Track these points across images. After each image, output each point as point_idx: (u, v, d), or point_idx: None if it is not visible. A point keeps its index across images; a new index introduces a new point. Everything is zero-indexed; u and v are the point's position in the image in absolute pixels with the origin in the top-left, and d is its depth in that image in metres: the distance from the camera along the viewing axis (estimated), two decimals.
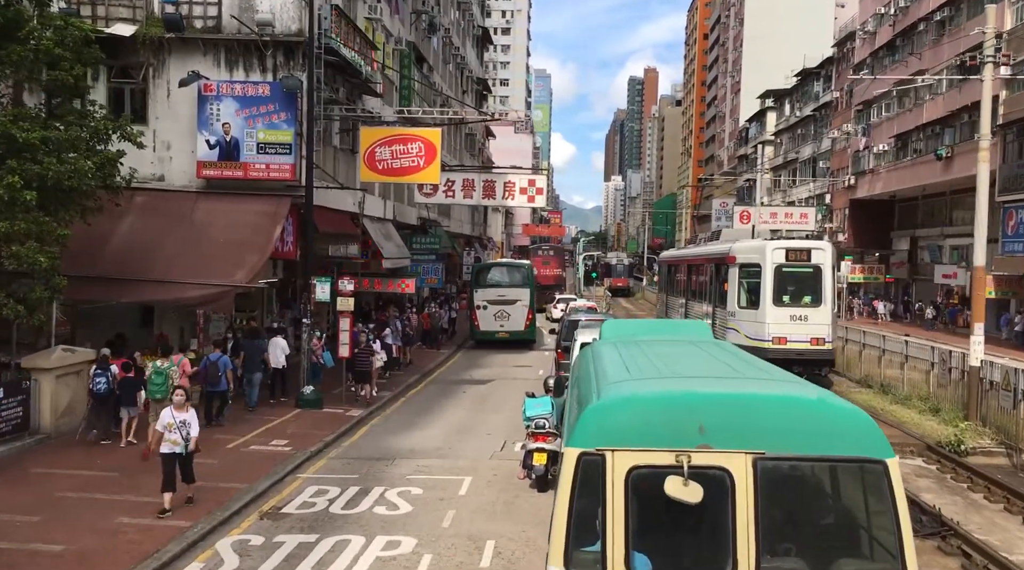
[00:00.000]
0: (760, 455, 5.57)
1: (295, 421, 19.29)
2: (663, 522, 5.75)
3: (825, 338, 23.98)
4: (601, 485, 5.62)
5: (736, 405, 5.82)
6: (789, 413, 5.82)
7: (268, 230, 20.73)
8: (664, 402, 5.94)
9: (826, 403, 5.93)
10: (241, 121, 21.10)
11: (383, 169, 22.84)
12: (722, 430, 5.62)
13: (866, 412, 5.97)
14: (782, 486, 5.78)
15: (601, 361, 7.80)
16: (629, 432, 5.67)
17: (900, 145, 53.82)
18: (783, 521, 5.79)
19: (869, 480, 5.75)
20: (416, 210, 37.47)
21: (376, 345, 23.31)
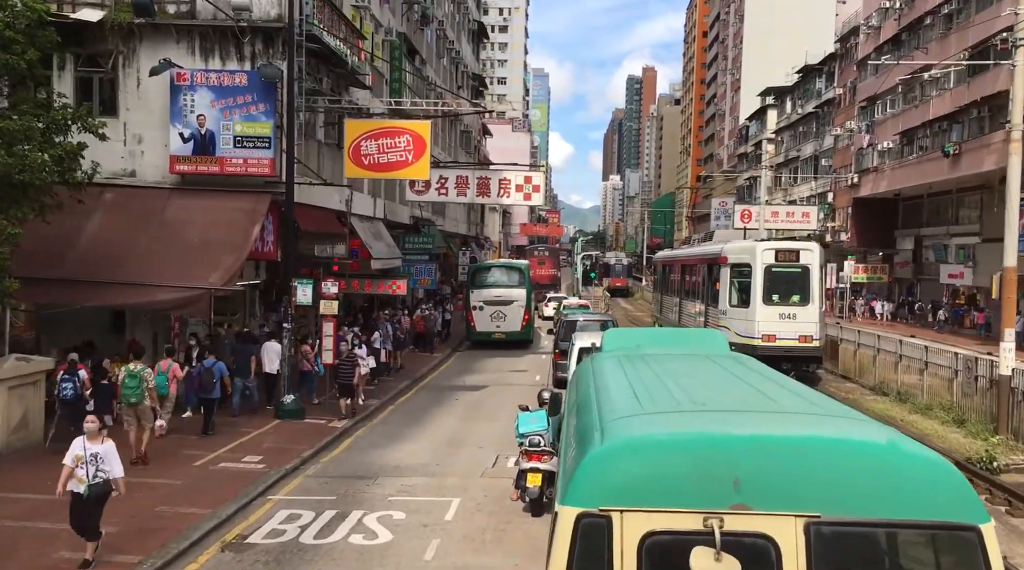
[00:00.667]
0: (814, 519, 4.31)
1: (273, 433, 17.99)
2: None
3: (813, 335, 24.35)
4: (607, 556, 4.35)
5: (783, 452, 4.46)
6: (852, 463, 4.43)
7: (246, 229, 19.43)
8: (689, 447, 4.55)
9: (899, 449, 4.58)
10: (217, 113, 19.79)
11: (369, 164, 21.52)
12: (764, 485, 4.34)
13: (949, 463, 4.59)
14: (842, 559, 4.40)
15: (604, 383, 6.57)
16: (644, 487, 4.40)
17: (905, 142, 52.57)
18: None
19: (957, 551, 4.36)
20: (408, 209, 36.17)
21: (362, 351, 22.02)
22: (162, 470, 14.42)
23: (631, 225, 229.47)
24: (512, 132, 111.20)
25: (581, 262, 77.10)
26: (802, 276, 24.90)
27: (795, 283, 24.96)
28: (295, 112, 19.80)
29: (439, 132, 43.00)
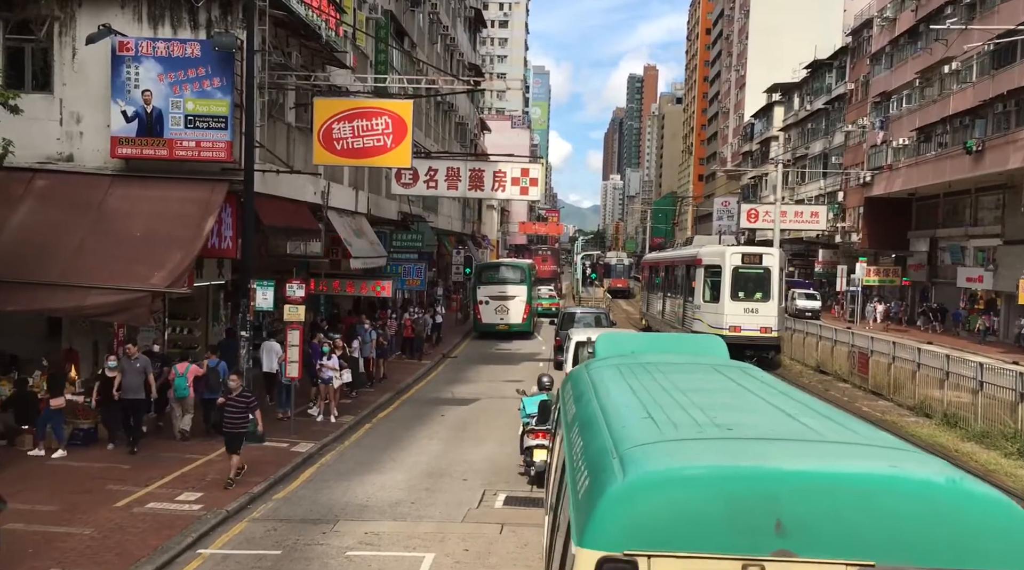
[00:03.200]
0: (868, 567, 3.88)
1: (224, 460, 15.28)
2: None
3: (772, 327, 28.75)
4: None
5: (831, 490, 3.98)
6: (909, 504, 3.95)
7: (198, 222, 16.83)
8: (725, 484, 4.05)
9: (963, 489, 4.08)
10: (165, 88, 17.18)
11: (342, 149, 18.89)
12: (811, 528, 3.89)
13: (1019, 506, 4.06)
14: None
15: (609, 398, 6.02)
16: (674, 529, 3.94)
17: (923, 138, 50.12)
18: None
19: None
20: (396, 204, 33.57)
21: (332, 361, 19.43)
22: (73, 513, 11.83)
23: (631, 225, 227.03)
24: (511, 129, 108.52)
25: (581, 262, 74.48)
26: (764, 276, 29.24)
27: (758, 282, 29.21)
28: (256, 88, 17.21)
29: (431, 123, 40.37)
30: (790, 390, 6.72)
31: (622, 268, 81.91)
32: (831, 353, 27.72)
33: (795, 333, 32.64)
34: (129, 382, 15.54)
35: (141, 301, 15.39)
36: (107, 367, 15.64)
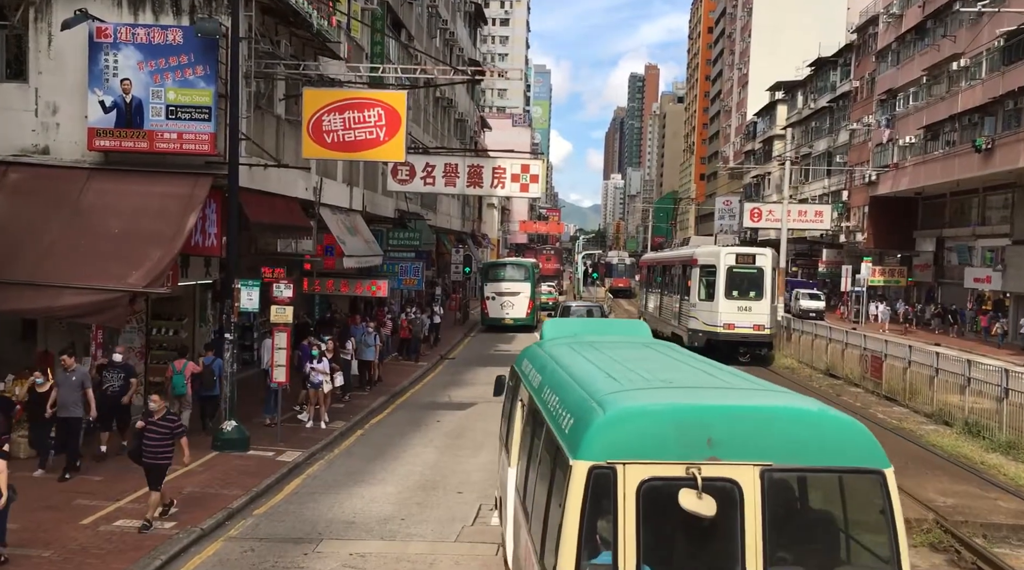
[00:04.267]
0: (767, 467, 5.60)
1: (203, 471, 14.51)
2: (673, 534, 5.71)
3: (764, 325, 29.91)
4: (612, 497, 5.52)
5: (744, 418, 5.87)
6: (794, 425, 5.89)
7: (180, 218, 15.93)
8: (675, 415, 5.88)
9: (828, 415, 6.06)
10: (145, 77, 16.28)
11: (333, 142, 17.96)
12: (731, 442, 5.62)
13: (861, 422, 6.02)
14: (787, 497, 6.02)
15: (571, 366, 7.71)
16: (640, 445, 5.61)
17: (930, 137, 49.25)
18: (788, 531, 5.82)
19: (868, 489, 5.82)
20: (393, 201, 32.68)
21: (322, 364, 18.54)
22: (35, 532, 10.94)
23: (632, 224, 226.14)
24: (512, 127, 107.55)
25: (582, 261, 73.55)
26: (758, 276, 30.27)
27: (751, 281, 30.24)
28: (240, 76, 16.32)
29: (429, 119, 39.49)
30: (705, 360, 8.53)
31: (624, 267, 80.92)
32: (841, 356, 26.81)
33: (803, 335, 31.75)
34: (64, 397, 13.82)
35: (118, 302, 14.50)
36: (35, 382, 13.98)
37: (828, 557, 6.05)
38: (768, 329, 30.18)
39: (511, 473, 9.02)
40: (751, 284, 30.35)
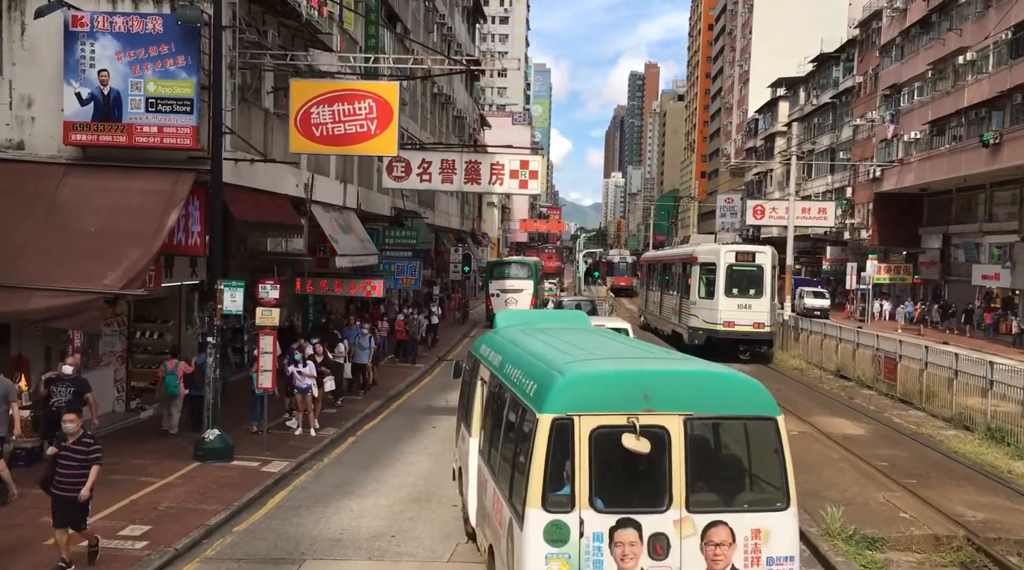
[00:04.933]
0: (689, 416, 7.28)
1: (183, 483, 13.71)
2: (617, 469, 7.23)
3: (764, 323, 30.03)
4: (571, 442, 7.08)
5: (671, 379, 7.70)
6: (708, 384, 7.70)
7: (160, 216, 15.15)
8: (618, 377, 7.64)
9: (733, 376, 7.94)
10: (124, 67, 15.48)
11: (321, 136, 17.13)
12: (661, 398, 7.27)
13: (759, 382, 7.88)
14: (704, 439, 7.65)
15: (530, 346, 9.27)
16: (591, 401, 7.23)
17: (935, 132, 48.45)
18: (705, 465, 7.46)
19: (764, 432, 7.55)
20: (390, 199, 31.87)
21: (308, 368, 17.72)
22: None
23: (633, 223, 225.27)
24: (512, 125, 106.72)
25: (583, 260, 72.65)
26: (757, 273, 30.34)
27: (751, 279, 30.32)
28: (224, 67, 15.51)
29: (427, 115, 38.66)
30: (638, 340, 10.90)
31: (625, 266, 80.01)
32: (852, 357, 25.97)
33: (811, 335, 30.92)
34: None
35: (92, 304, 13.69)
36: None
37: (735, 484, 7.81)
38: (768, 327, 30.22)
39: (472, 443, 10.53)
40: (751, 282, 30.40)
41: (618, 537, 7.01)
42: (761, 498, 7.56)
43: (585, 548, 6.98)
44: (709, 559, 7.11)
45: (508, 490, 7.88)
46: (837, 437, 17.38)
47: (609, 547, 7.01)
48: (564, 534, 6.99)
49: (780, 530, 7.28)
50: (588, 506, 7.02)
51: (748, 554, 7.18)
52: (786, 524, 7.34)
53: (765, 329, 30.22)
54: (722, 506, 7.38)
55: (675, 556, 7.06)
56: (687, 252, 35.30)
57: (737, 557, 7.15)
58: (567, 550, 6.98)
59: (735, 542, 7.15)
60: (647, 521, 7.06)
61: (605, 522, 7.03)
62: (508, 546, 7.70)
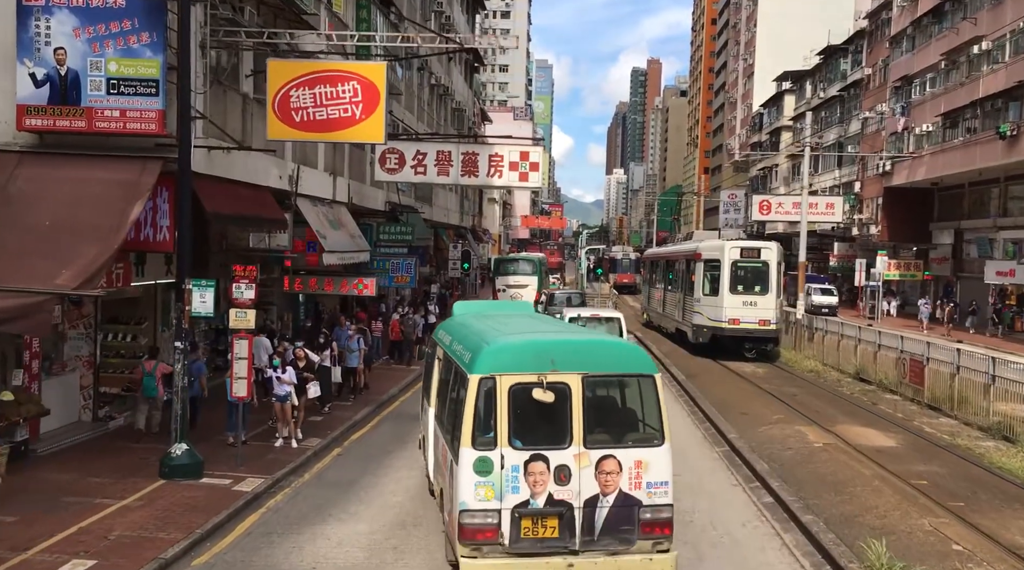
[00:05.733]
0: (585, 374, 9.14)
1: (143, 506, 12.31)
2: (529, 416, 9.06)
3: (770, 320, 29.45)
4: (494, 395, 8.98)
5: (572, 346, 9.67)
6: (601, 349, 9.81)
7: (122, 208, 13.73)
8: (531, 345, 9.58)
9: (621, 344, 10.72)
10: (83, 45, 14.08)
11: (302, 121, 15.67)
12: (564, 361, 9.11)
13: (641, 348, 11.46)
14: (597, 392, 9.51)
15: (473, 327, 11.05)
16: (510, 363, 9.13)
17: (948, 124, 46.96)
18: (598, 412, 9.37)
19: (645, 386, 9.44)
20: (384, 193, 30.46)
21: (287, 374, 16.31)
22: None
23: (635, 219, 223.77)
24: (514, 120, 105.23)
25: (585, 257, 71.09)
26: (763, 270, 29.72)
27: (757, 276, 29.74)
28: (194, 46, 14.14)
29: (423, 107, 37.22)
30: (557, 320, 14.68)
31: (628, 262, 78.52)
32: (873, 359, 24.48)
33: (827, 335, 29.49)
34: None
35: (42, 306, 12.27)
36: None
37: (622, 427, 9.58)
38: (774, 325, 29.67)
39: (431, 411, 12.22)
40: (756, 278, 29.88)
41: (531, 468, 8.90)
42: (642, 437, 9.46)
43: (505, 477, 8.87)
44: (601, 484, 9.00)
45: (451, 438, 9.61)
46: (867, 450, 15.92)
47: (524, 476, 8.89)
48: (489, 467, 8.86)
49: (657, 461, 9.17)
50: (507, 445, 8.91)
51: (632, 480, 9.06)
52: (661, 457, 9.21)
53: (771, 327, 29.63)
54: (612, 443, 9.19)
55: (575, 482, 8.96)
56: (691, 248, 34.55)
57: (623, 482, 9.04)
58: (491, 479, 8.85)
59: (622, 471, 9.04)
60: (553, 456, 8.96)
61: (521, 457, 8.91)
62: (450, 481, 9.47)
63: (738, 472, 15.16)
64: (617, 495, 8.97)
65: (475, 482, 8.80)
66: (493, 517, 8.79)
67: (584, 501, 8.92)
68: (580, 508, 8.92)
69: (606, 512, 8.95)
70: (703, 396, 22.07)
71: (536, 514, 8.86)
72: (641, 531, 9.01)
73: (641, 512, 9.01)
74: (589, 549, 8.92)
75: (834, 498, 12.78)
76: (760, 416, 19.36)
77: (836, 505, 12.44)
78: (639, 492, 9.02)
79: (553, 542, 8.88)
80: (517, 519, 8.82)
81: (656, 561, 9.00)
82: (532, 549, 8.85)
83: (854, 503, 12.45)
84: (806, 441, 16.61)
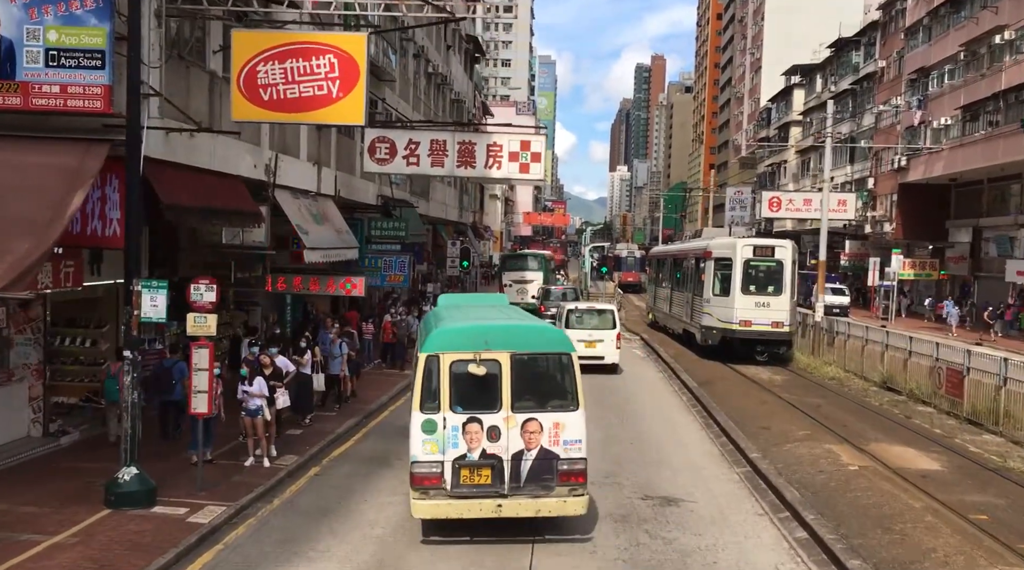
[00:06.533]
0: (513, 352, 10.97)
1: (79, 543, 10.54)
2: (467, 387, 10.93)
3: (784, 322, 28.00)
4: (437, 370, 10.90)
5: (503, 329, 11.47)
6: (526, 332, 11.84)
7: (61, 198, 11.99)
8: (470, 329, 11.51)
9: (543, 327, 12.84)
10: (18, 11, 12.31)
11: (271, 100, 13.84)
12: (496, 341, 11.00)
13: (560, 330, 14.44)
14: (523, 367, 11.11)
15: (440, 316, 12.95)
16: (451, 344, 11.04)
17: (968, 118, 45.13)
18: (524, 383, 11.07)
19: (563, 362, 11.29)
20: (375, 186, 28.68)
21: (255, 386, 14.51)
22: None
23: (639, 217, 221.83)
24: (516, 114, 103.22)
25: (589, 255, 69.09)
26: (777, 269, 28.32)
27: (770, 276, 28.36)
28: (149, 13, 12.33)
29: (420, 96, 35.43)
30: (518, 309, 15.09)
31: (633, 261, 76.56)
32: (903, 367, 22.51)
33: (849, 339, 27.58)
34: None
35: None
36: None
37: (543, 395, 11.34)
38: (788, 327, 28.18)
39: None
40: (770, 278, 28.45)
41: (467, 428, 10.74)
42: (560, 404, 11.07)
43: (447, 436, 10.72)
44: (526, 441, 10.79)
45: (410, 407, 11.25)
46: (910, 475, 13.86)
47: (462, 435, 10.73)
48: (433, 427, 10.74)
49: (571, 423, 10.93)
50: (449, 410, 10.77)
51: (551, 438, 10.85)
52: (576, 420, 10.97)
53: (784, 329, 28.11)
54: (535, 408, 10.93)
55: (504, 440, 10.78)
56: (700, 246, 32.94)
57: (544, 440, 10.82)
58: (436, 437, 10.73)
59: (543, 430, 10.83)
60: (486, 418, 10.78)
61: (459, 419, 10.75)
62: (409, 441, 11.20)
63: (763, 499, 13.35)
64: (539, 450, 10.86)
65: (422, 439, 10.76)
66: (437, 467, 10.73)
67: (512, 455, 10.83)
68: (508, 460, 10.83)
69: (530, 464, 10.85)
70: (718, 406, 20.27)
71: (472, 465, 10.80)
72: (559, 479, 10.88)
73: (559, 464, 10.88)
74: (516, 494, 10.83)
75: (882, 537, 10.92)
76: (783, 431, 17.48)
77: (886, 546, 10.59)
78: (557, 448, 10.88)
79: (486, 487, 10.79)
80: (457, 469, 10.77)
81: (570, 503, 10.94)
82: (469, 493, 10.77)
83: (907, 544, 10.57)
84: (839, 463, 14.73)
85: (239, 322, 23.56)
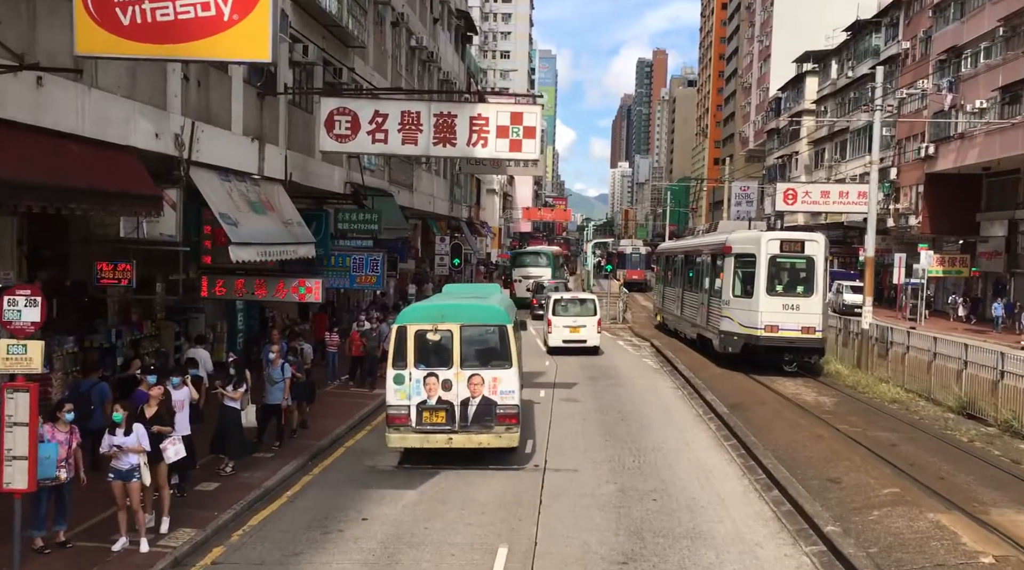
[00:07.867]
0: (462, 324, 14.64)
1: None
2: (427, 350, 14.58)
3: (816, 327, 25.02)
4: (405, 337, 14.50)
5: (455, 307, 15.28)
6: (474, 308, 15.49)
7: None
8: (429, 307, 15.47)
9: (487, 305, 15.76)
10: None
11: (133, 24, 9.33)
12: (449, 316, 14.69)
13: (498, 307, 16.13)
14: (470, 335, 14.80)
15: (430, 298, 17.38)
16: (415, 318, 14.88)
17: (1008, 99, 40.99)
18: (471, 349, 14.77)
19: (501, 332, 14.95)
20: (343, 170, 24.41)
21: (131, 436, 10.27)
22: None
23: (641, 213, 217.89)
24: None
25: (592, 251, 64.67)
26: (807, 267, 25.45)
27: (799, 274, 25.51)
28: None
29: (400, 71, 31.14)
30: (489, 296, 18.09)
31: (638, 257, 72.38)
32: (992, 390, 18.15)
33: (909, 352, 23.09)
34: None
35: None
36: None
37: (485, 356, 14.87)
38: (819, 332, 25.06)
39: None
40: (799, 277, 25.44)
41: (427, 381, 14.54)
42: (498, 363, 14.79)
43: (412, 386, 14.53)
44: (471, 391, 14.56)
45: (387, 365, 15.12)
46: None
47: (423, 386, 14.52)
48: (402, 380, 14.54)
49: (506, 378, 14.71)
50: (413, 367, 14.54)
51: (490, 389, 14.64)
52: (510, 375, 14.73)
53: (816, 335, 24.93)
54: (479, 366, 14.69)
55: (455, 390, 14.56)
56: (717, 241, 29.20)
57: (485, 390, 14.61)
58: (404, 387, 14.53)
59: (484, 383, 14.64)
60: (441, 373, 14.57)
61: (421, 374, 14.54)
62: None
63: None
64: (482, 399, 14.60)
65: (394, 389, 14.56)
66: (405, 410, 14.55)
67: (461, 401, 14.57)
68: (458, 406, 14.57)
69: (474, 408, 14.61)
70: (760, 441, 16.03)
71: (431, 409, 14.57)
72: (497, 420, 14.65)
73: (497, 409, 14.64)
74: (464, 430, 14.61)
75: None
76: (860, 485, 12.99)
77: None
78: (495, 396, 14.63)
79: (442, 425, 14.59)
80: (420, 411, 14.56)
81: (504, 437, 14.71)
82: (429, 430, 14.57)
83: None
84: (961, 549, 10.02)
85: (170, 333, 19.42)
